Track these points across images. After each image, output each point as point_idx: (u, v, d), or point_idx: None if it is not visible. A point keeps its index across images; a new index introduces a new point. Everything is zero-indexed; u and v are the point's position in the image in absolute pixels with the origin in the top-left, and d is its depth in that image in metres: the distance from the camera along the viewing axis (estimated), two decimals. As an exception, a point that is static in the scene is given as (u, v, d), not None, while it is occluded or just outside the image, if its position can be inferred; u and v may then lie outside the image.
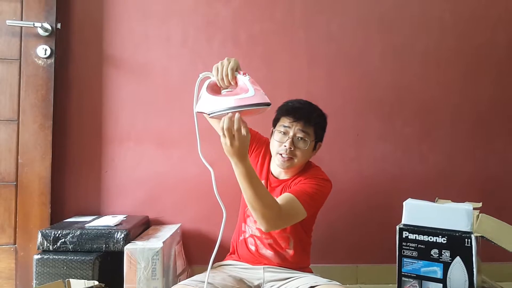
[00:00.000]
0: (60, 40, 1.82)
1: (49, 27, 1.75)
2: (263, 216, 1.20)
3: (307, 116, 1.38)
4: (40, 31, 1.75)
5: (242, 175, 1.15)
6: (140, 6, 1.88)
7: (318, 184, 1.36)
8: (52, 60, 1.77)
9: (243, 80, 1.12)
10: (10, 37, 1.75)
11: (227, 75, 1.13)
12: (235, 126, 1.07)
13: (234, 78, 1.14)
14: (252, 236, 1.45)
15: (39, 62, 1.76)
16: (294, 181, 1.41)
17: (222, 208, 1.11)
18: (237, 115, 1.08)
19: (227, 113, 1.09)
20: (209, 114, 1.12)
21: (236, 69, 1.15)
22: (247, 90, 1.09)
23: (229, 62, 1.14)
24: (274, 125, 1.45)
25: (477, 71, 1.96)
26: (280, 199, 1.27)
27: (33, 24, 1.71)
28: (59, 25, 1.78)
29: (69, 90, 1.85)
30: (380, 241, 1.84)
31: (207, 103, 1.13)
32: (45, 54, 1.75)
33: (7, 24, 1.71)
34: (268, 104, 1.10)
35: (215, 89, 1.17)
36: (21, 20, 1.75)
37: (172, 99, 1.88)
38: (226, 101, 1.09)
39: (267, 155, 1.49)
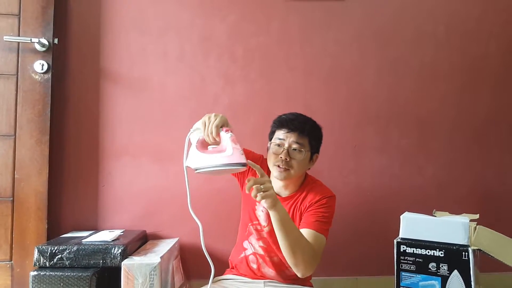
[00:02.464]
0: (57, 55, 1.82)
1: (46, 43, 1.75)
2: (304, 262, 1.23)
3: (301, 127, 1.39)
4: (37, 47, 1.75)
5: (280, 221, 1.19)
6: (137, 22, 1.90)
7: (328, 206, 1.38)
8: (49, 75, 1.77)
9: (224, 138, 1.15)
10: (7, 53, 1.76)
11: (211, 132, 1.15)
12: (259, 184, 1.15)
13: (218, 135, 1.16)
14: (254, 254, 1.44)
15: (36, 77, 1.77)
16: (303, 203, 1.41)
17: (211, 265, 1.15)
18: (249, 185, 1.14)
19: (211, 171, 1.12)
20: (195, 170, 1.14)
21: (222, 125, 1.17)
22: (225, 150, 1.12)
23: (216, 119, 1.17)
24: (270, 138, 1.45)
25: (472, 84, 1.98)
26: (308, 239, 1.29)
27: (31, 40, 1.72)
28: (56, 40, 1.79)
29: (66, 105, 1.86)
30: (380, 253, 1.83)
31: (193, 159, 1.15)
32: (42, 69, 1.76)
33: (4, 40, 1.71)
34: (244, 165, 1.12)
35: (204, 144, 1.19)
36: (19, 35, 1.76)
37: (169, 114, 1.89)
38: (207, 159, 1.12)
39: (264, 171, 1.49)
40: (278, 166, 1.37)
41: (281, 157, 1.35)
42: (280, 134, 1.40)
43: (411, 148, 1.95)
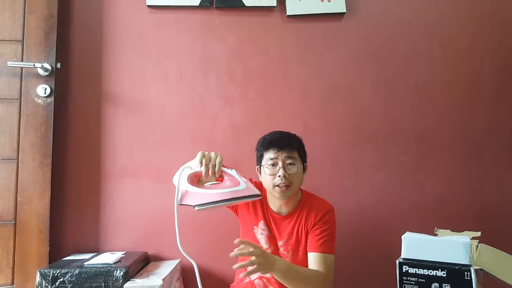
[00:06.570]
0: (60, 79, 1.85)
1: (49, 67, 1.78)
2: None
3: (288, 142, 1.44)
4: (40, 71, 1.78)
5: (282, 277, 1.26)
6: (138, 45, 1.93)
7: (330, 221, 1.45)
8: (51, 99, 1.79)
9: (232, 173, 1.18)
10: (10, 78, 1.78)
11: (214, 166, 1.18)
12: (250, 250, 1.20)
13: (221, 171, 1.19)
14: (260, 278, 1.45)
15: (39, 101, 1.79)
16: (308, 220, 1.45)
17: None
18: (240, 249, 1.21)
19: (220, 206, 1.14)
20: (194, 207, 1.14)
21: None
22: (238, 183, 1.15)
23: (217, 156, 1.20)
24: (259, 162, 1.48)
25: (468, 100, 2.00)
26: (314, 264, 1.37)
27: (34, 65, 1.75)
28: (59, 65, 1.82)
29: (68, 128, 1.88)
30: (382, 272, 1.82)
31: (194, 196, 1.15)
32: (45, 93, 1.78)
33: (8, 65, 1.74)
34: (259, 196, 1.17)
35: (195, 181, 1.20)
36: (22, 61, 1.78)
37: (169, 135, 1.91)
38: (218, 194, 1.13)
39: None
40: (278, 186, 1.39)
41: (279, 175, 1.38)
42: (271, 154, 1.43)
43: (410, 164, 1.96)
